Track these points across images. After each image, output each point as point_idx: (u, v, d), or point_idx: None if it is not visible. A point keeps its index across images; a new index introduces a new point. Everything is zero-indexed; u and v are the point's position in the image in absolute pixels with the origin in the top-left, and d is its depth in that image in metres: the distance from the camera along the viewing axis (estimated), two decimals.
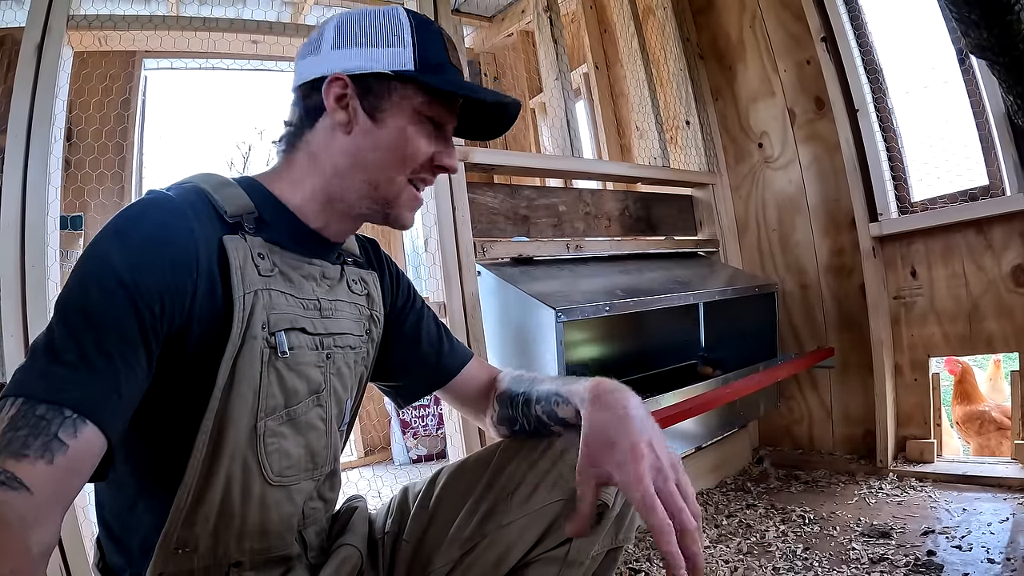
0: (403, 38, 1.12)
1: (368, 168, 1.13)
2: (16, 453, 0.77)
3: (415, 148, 1.14)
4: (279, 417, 1.07)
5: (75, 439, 0.81)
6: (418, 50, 1.12)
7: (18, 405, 0.81)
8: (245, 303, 1.02)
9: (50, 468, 0.78)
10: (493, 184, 2.87)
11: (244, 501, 1.04)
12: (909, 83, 3.06)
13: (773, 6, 3.45)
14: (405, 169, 1.15)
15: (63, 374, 0.84)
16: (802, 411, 3.48)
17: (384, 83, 1.12)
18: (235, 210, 1.08)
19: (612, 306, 2.33)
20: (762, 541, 2.42)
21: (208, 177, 1.12)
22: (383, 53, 1.12)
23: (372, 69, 1.11)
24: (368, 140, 1.12)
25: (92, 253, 0.93)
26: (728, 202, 3.70)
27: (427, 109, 1.14)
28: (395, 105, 1.12)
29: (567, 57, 3.14)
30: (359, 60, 1.12)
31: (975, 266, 2.84)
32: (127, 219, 0.97)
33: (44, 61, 1.98)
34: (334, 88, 1.12)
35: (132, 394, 0.90)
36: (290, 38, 2.42)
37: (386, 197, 1.16)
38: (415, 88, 1.12)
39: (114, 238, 0.94)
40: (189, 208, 1.02)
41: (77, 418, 0.82)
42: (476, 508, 1.25)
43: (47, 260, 1.92)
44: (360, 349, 1.27)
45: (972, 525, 2.31)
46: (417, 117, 1.13)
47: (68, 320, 0.89)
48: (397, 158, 1.14)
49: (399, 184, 1.16)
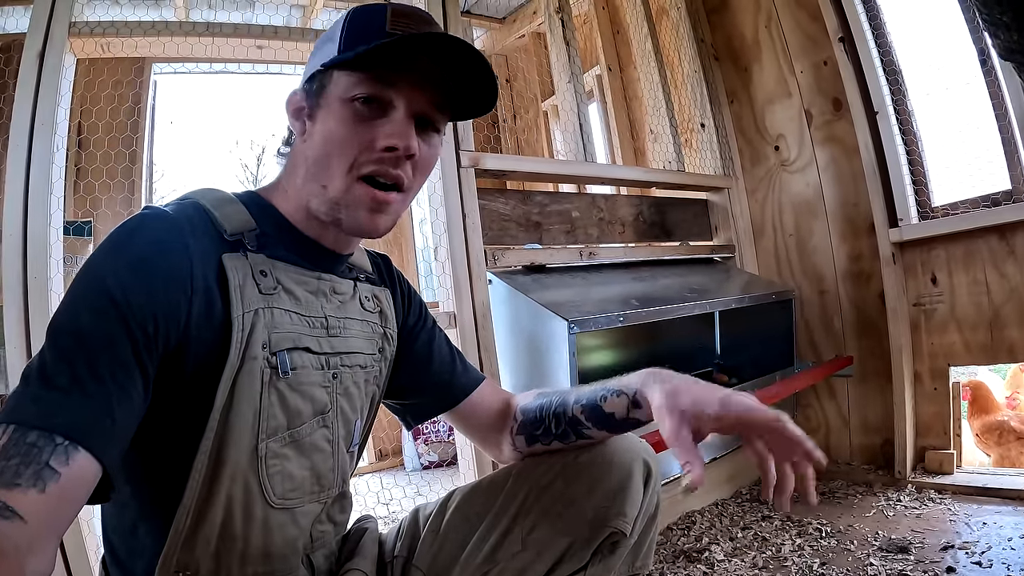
0: (335, 33, 1.10)
1: (314, 170, 1.09)
2: (8, 483, 0.76)
3: (343, 136, 1.06)
4: (281, 439, 1.05)
5: (67, 466, 0.80)
6: (344, 37, 1.08)
7: (9, 433, 0.79)
8: (244, 323, 1.00)
9: (42, 496, 0.77)
10: (504, 190, 2.84)
11: (246, 524, 1.02)
12: (929, 85, 3.00)
13: (789, 6, 3.41)
14: (341, 162, 1.06)
15: (55, 399, 0.83)
16: (819, 420, 3.43)
17: (318, 81, 1.10)
18: (235, 227, 1.06)
19: (626, 316, 2.30)
20: (778, 555, 2.37)
21: (208, 193, 1.10)
22: (321, 53, 1.11)
23: (311, 72, 1.11)
24: (310, 141, 1.10)
25: (84, 274, 0.92)
26: (744, 206, 3.65)
27: (354, 90, 1.05)
28: (324, 98, 1.08)
29: (579, 59, 3.10)
30: (308, 70, 1.13)
31: (997, 273, 2.78)
32: (119, 237, 0.95)
33: (46, 69, 1.98)
34: (292, 102, 1.14)
35: (127, 417, 0.88)
36: (295, 43, 2.41)
37: (334, 198, 1.08)
38: (339, 73, 1.07)
39: (105, 257, 0.93)
40: (186, 223, 1.00)
41: (69, 445, 0.80)
42: (488, 535, 1.24)
43: (49, 271, 1.91)
44: (371, 368, 1.25)
45: (992, 540, 2.26)
46: (342, 102, 1.06)
47: (59, 343, 0.87)
48: (328, 150, 1.07)
49: (341, 181, 1.07)
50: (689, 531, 2.68)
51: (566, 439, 1.28)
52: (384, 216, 1.11)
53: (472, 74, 1.12)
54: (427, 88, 1.09)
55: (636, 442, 1.28)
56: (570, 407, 1.27)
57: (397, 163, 1.08)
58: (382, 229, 1.12)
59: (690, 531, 2.68)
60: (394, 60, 1.05)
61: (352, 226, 1.10)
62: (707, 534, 2.63)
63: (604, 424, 1.23)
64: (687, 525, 2.74)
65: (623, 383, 1.22)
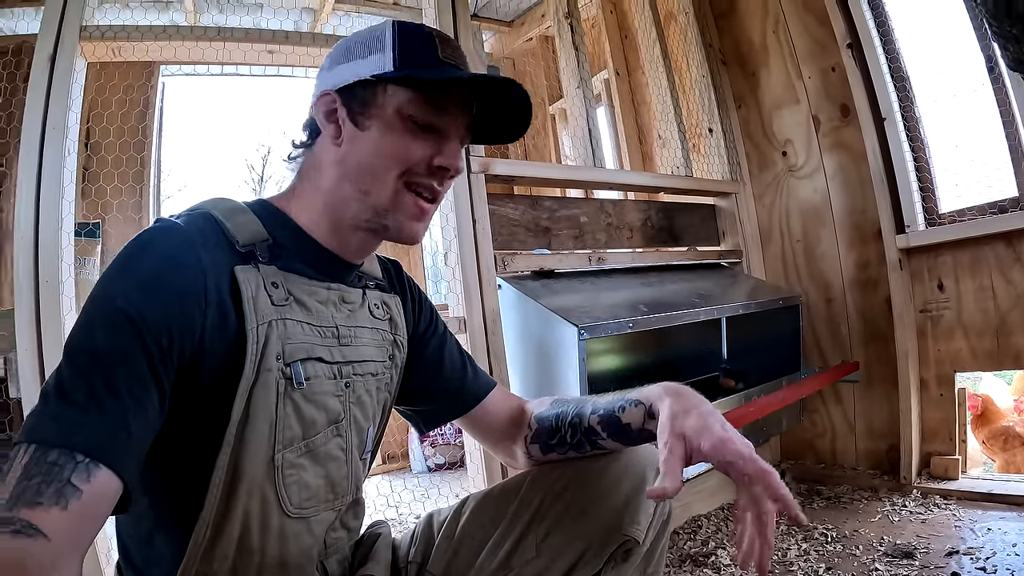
0: (384, 43, 1.12)
1: (356, 175, 1.11)
2: (30, 501, 0.76)
3: (399, 148, 1.10)
4: (297, 449, 1.06)
5: (88, 483, 0.80)
6: (398, 51, 1.10)
7: (31, 452, 0.80)
8: (258, 335, 1.00)
9: (65, 514, 0.78)
10: (513, 195, 2.85)
11: (263, 534, 1.03)
12: (937, 91, 3.00)
13: (797, 11, 3.41)
14: (393, 172, 1.10)
15: (73, 416, 0.83)
16: (825, 425, 3.43)
17: (367, 89, 1.11)
18: (247, 239, 1.06)
19: (635, 322, 2.30)
20: (784, 560, 2.37)
21: (220, 203, 1.11)
22: (366, 62, 1.12)
23: (355, 78, 1.11)
24: (354, 147, 1.11)
25: (97, 291, 0.93)
26: (751, 211, 3.65)
27: (411, 108, 1.10)
28: (377, 108, 1.10)
29: (589, 65, 3.10)
30: (345, 74, 1.13)
31: (1004, 279, 2.78)
32: (131, 252, 0.96)
33: (57, 72, 1.98)
34: (323, 103, 1.14)
35: (145, 433, 0.89)
36: (306, 47, 2.41)
37: (379, 204, 1.12)
38: (395, 87, 1.10)
39: (118, 274, 0.94)
40: (198, 235, 1.01)
41: (90, 462, 0.81)
42: (502, 541, 1.24)
43: (61, 275, 1.92)
44: (383, 375, 1.26)
45: (997, 546, 2.27)
46: (400, 117, 1.10)
47: (76, 360, 0.88)
48: (382, 161, 1.10)
49: (390, 188, 1.11)
50: (695, 535, 2.69)
51: (580, 449, 1.29)
52: (423, 224, 1.17)
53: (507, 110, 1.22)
54: (467, 115, 1.16)
55: (649, 451, 1.28)
56: (587, 417, 1.28)
57: (442, 180, 1.15)
58: (421, 236, 1.19)
59: (696, 535, 2.69)
60: (451, 89, 1.12)
61: (396, 232, 1.15)
62: (713, 538, 2.64)
63: (620, 435, 1.24)
64: (693, 529, 2.75)
65: (642, 394, 1.23)
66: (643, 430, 1.21)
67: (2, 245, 2.99)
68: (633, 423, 1.22)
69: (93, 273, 3.07)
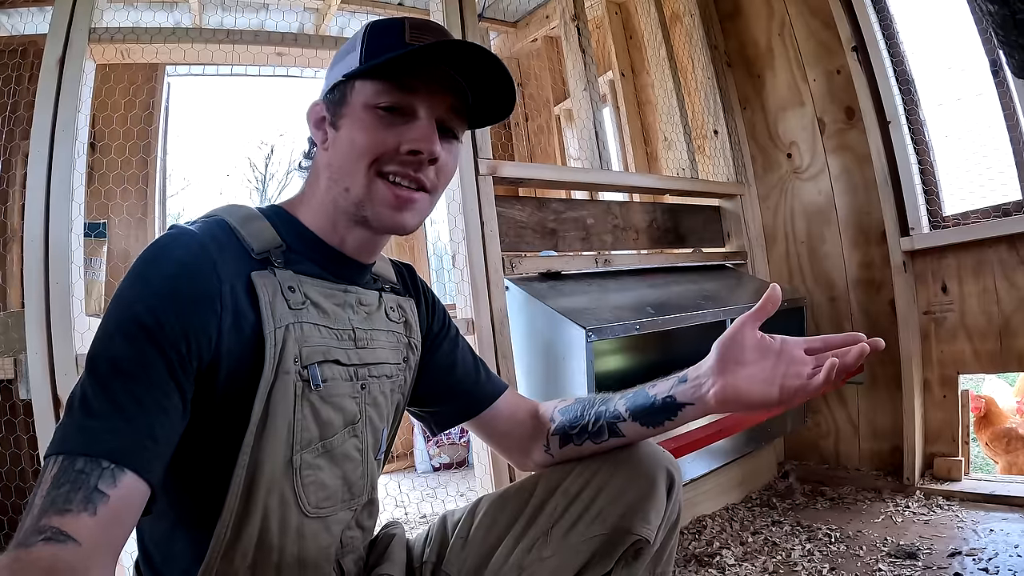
0: (356, 43, 1.13)
1: (338, 174, 1.12)
2: (60, 509, 0.78)
3: (366, 139, 1.09)
4: (315, 450, 1.07)
5: (115, 488, 0.82)
6: (365, 48, 1.11)
7: (59, 463, 0.82)
8: (276, 338, 1.02)
9: (94, 519, 0.79)
10: (521, 197, 2.85)
11: (282, 534, 1.05)
12: (942, 95, 3.01)
13: (802, 14, 3.41)
14: (361, 162, 1.09)
15: (97, 426, 0.85)
16: (829, 426, 3.44)
17: (339, 91, 1.13)
18: (262, 245, 1.08)
19: (642, 324, 2.31)
20: (788, 560, 2.39)
21: (234, 210, 1.12)
22: (341, 65, 1.14)
23: (331, 83, 1.14)
24: (334, 148, 1.13)
25: (116, 301, 0.95)
26: (756, 213, 3.66)
27: (378, 98, 1.09)
28: (348, 106, 1.11)
29: (595, 66, 3.11)
30: (329, 81, 1.16)
31: (1007, 282, 2.79)
32: (147, 259, 0.98)
33: (66, 75, 1.99)
34: (313, 113, 1.18)
35: (168, 436, 0.91)
36: (315, 49, 2.41)
37: (357, 197, 1.11)
38: (361, 82, 1.11)
39: (135, 281, 0.96)
40: (212, 242, 1.02)
41: (115, 468, 0.83)
42: (516, 541, 1.26)
43: (71, 276, 1.92)
44: (397, 377, 1.27)
45: (999, 547, 2.28)
46: (366, 109, 1.10)
47: (98, 371, 0.89)
48: (354, 155, 1.10)
49: (362, 179, 1.10)
50: (700, 535, 2.69)
51: (599, 438, 1.29)
52: (410, 213, 1.13)
53: (489, 80, 1.16)
54: (446, 94, 1.13)
55: (659, 452, 1.30)
56: (614, 401, 1.30)
57: (420, 167, 1.11)
58: (410, 226, 1.15)
59: (701, 535, 2.69)
60: (415, 68, 1.10)
61: (379, 223, 1.13)
62: (718, 538, 2.65)
63: (642, 411, 1.25)
64: (698, 529, 2.76)
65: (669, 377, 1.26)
66: (668, 396, 1.23)
67: (10, 246, 3.00)
68: (660, 393, 1.24)
69: (100, 273, 3.08)
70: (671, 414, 1.23)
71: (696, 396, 1.20)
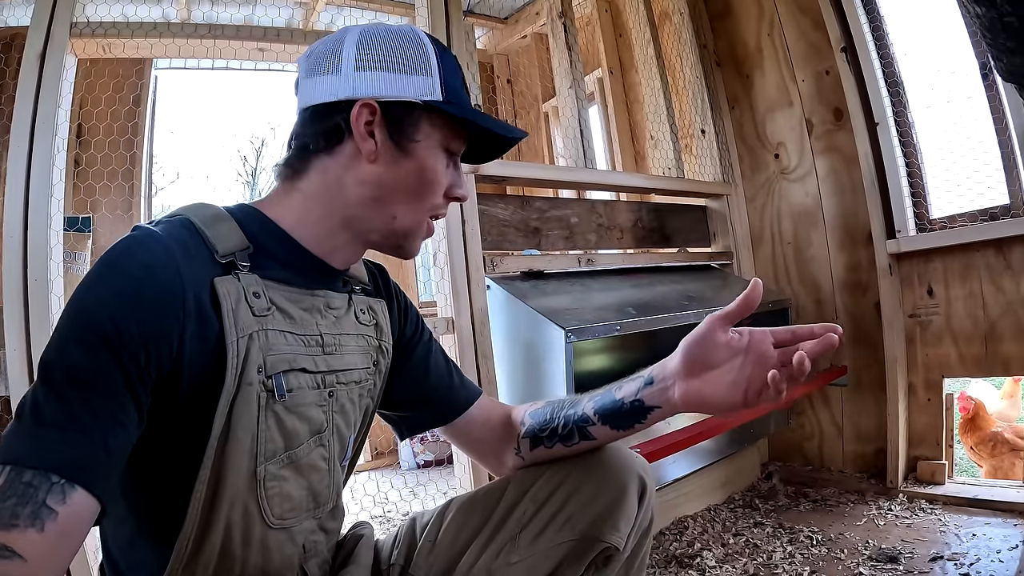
0: (429, 66, 1.10)
1: (391, 199, 1.11)
2: (6, 524, 0.77)
3: (438, 179, 1.13)
4: (279, 461, 1.05)
5: (64, 505, 0.80)
6: (443, 79, 1.10)
7: (6, 473, 0.80)
8: (239, 348, 0.98)
9: (41, 536, 0.78)
10: (504, 195, 2.84)
11: (245, 546, 1.02)
12: (930, 97, 3.00)
13: (792, 14, 3.41)
14: (427, 202, 1.14)
15: (49, 437, 0.83)
16: (813, 427, 3.45)
17: (413, 112, 1.09)
18: (227, 248, 1.03)
19: (623, 325, 2.30)
20: (769, 562, 2.39)
21: (200, 210, 1.07)
22: (411, 81, 1.09)
23: (402, 97, 1.09)
24: (392, 171, 1.10)
25: (73, 304, 0.91)
26: (743, 213, 3.65)
27: (453, 144, 1.14)
28: (424, 135, 1.10)
29: (582, 64, 3.09)
30: (387, 86, 1.09)
31: (993, 287, 2.79)
32: (109, 263, 0.93)
33: (47, 70, 1.97)
34: (363, 113, 1.08)
35: (122, 449, 0.88)
36: (298, 45, 2.40)
37: (405, 229, 1.14)
38: (442, 119, 1.11)
39: (94, 285, 0.92)
40: (177, 245, 0.97)
41: (65, 483, 0.81)
42: (485, 545, 1.24)
43: (50, 273, 1.91)
44: (366, 382, 1.24)
45: (981, 552, 2.28)
46: (443, 149, 1.13)
47: (52, 379, 0.86)
48: (421, 191, 1.12)
49: (419, 217, 1.15)
50: (681, 536, 2.70)
51: (569, 441, 1.28)
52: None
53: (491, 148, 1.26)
54: None
55: (632, 457, 1.28)
56: (582, 403, 1.29)
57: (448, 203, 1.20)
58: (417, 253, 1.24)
59: (682, 536, 2.69)
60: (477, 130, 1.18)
61: (409, 253, 1.20)
62: (699, 540, 2.65)
63: (611, 415, 1.24)
64: (679, 530, 2.76)
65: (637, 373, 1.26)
66: (636, 400, 1.21)
67: None
68: (627, 396, 1.22)
69: (84, 267, 3.07)
70: (640, 418, 1.22)
71: (663, 399, 1.18)
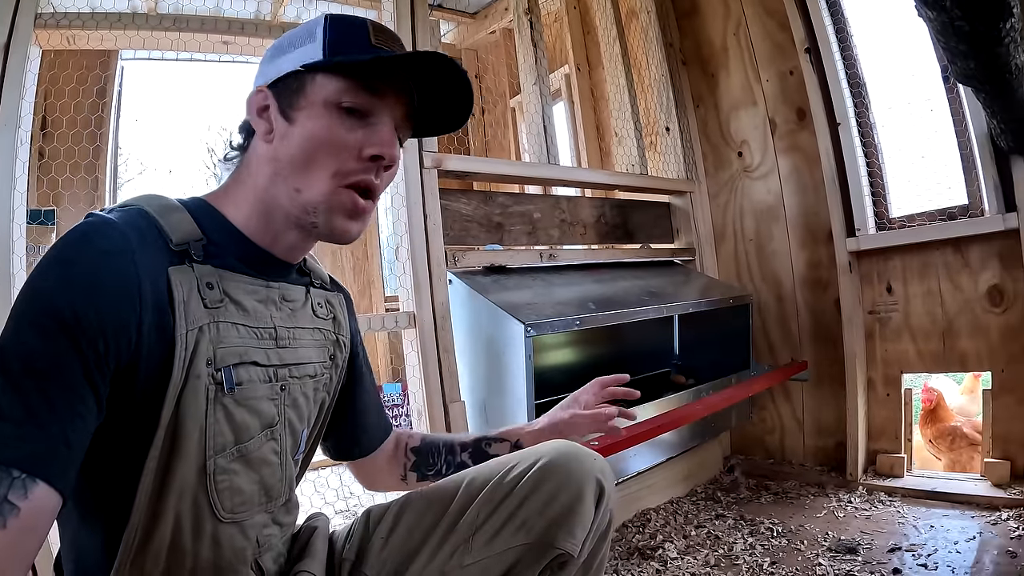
0: (314, 35, 1.08)
1: (288, 172, 1.06)
2: None
3: (329, 138, 1.05)
4: (229, 454, 1.03)
5: (26, 500, 0.79)
6: (328, 40, 1.06)
7: None
8: (187, 341, 0.96)
9: (4, 532, 0.77)
10: (467, 191, 2.84)
11: (195, 539, 1.00)
12: (892, 99, 3.04)
13: (758, 14, 3.44)
14: (328, 167, 1.06)
15: (8, 431, 0.81)
16: (774, 421, 3.48)
17: (295, 81, 1.07)
18: (181, 237, 1.02)
19: (583, 320, 2.32)
20: (730, 554, 2.42)
21: (153, 200, 1.05)
22: (294, 55, 1.08)
23: (282, 71, 1.08)
24: (284, 143, 1.07)
25: (28, 290, 0.89)
26: (706, 210, 3.68)
27: (342, 97, 1.05)
28: (307, 99, 1.06)
29: (547, 61, 3.10)
30: (276, 69, 1.09)
31: (951, 285, 2.84)
32: (64, 250, 0.91)
33: (11, 61, 1.92)
34: (255, 99, 1.09)
35: (82, 441, 0.87)
36: (262, 38, 2.38)
37: (311, 201, 1.06)
38: (324, 76, 1.06)
39: (50, 272, 0.89)
40: (134, 233, 0.96)
41: (27, 478, 0.80)
42: (439, 546, 1.22)
43: (12, 267, 1.87)
44: (321, 376, 1.23)
45: (939, 543, 2.32)
46: (328, 106, 1.05)
47: (8, 368, 0.84)
48: (314, 156, 1.05)
49: (322, 185, 1.06)
50: (644, 528, 2.72)
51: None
52: (359, 223, 1.12)
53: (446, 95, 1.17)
54: (403, 101, 1.12)
55: (591, 459, 1.25)
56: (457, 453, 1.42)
57: (377, 172, 1.09)
58: (355, 235, 1.13)
59: (645, 528, 2.72)
60: (382, 72, 1.07)
61: (327, 231, 1.09)
62: (661, 532, 2.67)
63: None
64: (642, 523, 2.78)
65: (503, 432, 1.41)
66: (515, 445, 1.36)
67: None
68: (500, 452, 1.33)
69: None
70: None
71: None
